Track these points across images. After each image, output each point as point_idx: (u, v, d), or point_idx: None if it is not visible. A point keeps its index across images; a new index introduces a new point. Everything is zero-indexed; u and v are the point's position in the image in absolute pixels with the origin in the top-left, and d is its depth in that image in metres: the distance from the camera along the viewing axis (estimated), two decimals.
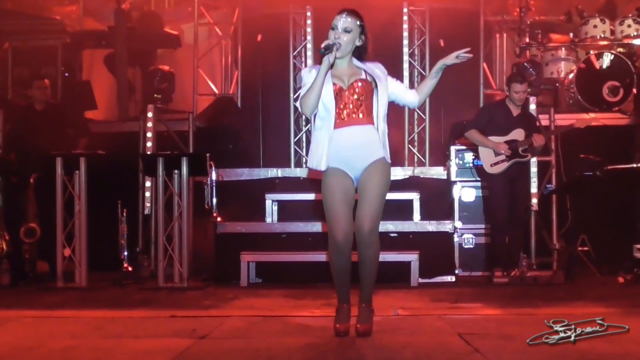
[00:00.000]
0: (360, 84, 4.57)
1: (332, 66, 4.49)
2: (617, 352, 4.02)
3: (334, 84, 4.54)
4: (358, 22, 4.58)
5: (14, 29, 9.56)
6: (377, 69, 4.66)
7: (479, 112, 7.78)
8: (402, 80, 8.65)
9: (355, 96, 4.55)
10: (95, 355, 4.16)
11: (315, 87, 4.43)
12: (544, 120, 7.90)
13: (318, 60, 4.54)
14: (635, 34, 9.05)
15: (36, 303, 6.24)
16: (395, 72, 4.87)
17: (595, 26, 9.12)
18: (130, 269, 7.50)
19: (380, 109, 4.59)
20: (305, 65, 9.19)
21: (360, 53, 4.66)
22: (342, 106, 4.55)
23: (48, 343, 4.48)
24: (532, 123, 7.55)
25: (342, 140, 4.54)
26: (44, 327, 5.11)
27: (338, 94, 4.54)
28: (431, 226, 7.62)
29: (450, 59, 4.59)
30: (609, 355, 3.95)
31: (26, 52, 9.53)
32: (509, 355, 3.99)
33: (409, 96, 4.73)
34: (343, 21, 4.55)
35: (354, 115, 4.55)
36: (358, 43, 4.61)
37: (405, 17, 9.10)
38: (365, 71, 4.62)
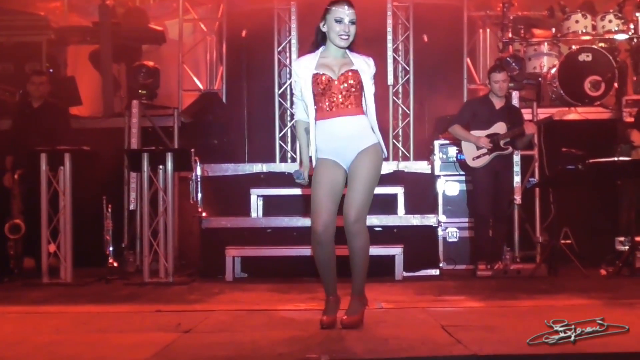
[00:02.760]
0: (351, 73, 4.57)
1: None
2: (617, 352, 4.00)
3: (323, 74, 4.53)
4: (354, 12, 4.58)
5: None
6: (366, 64, 4.64)
7: (462, 107, 7.83)
8: (386, 76, 8.86)
9: (345, 85, 4.54)
10: (80, 350, 4.16)
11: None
12: (526, 115, 7.95)
13: (304, 53, 4.57)
14: (617, 29, 9.11)
15: (21, 299, 6.25)
16: (379, 67, 4.87)
17: (577, 21, 9.19)
18: (115, 264, 7.52)
19: (368, 101, 4.62)
20: (290, 62, 9.21)
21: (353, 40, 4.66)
22: (331, 97, 4.54)
23: (33, 338, 4.48)
24: (516, 115, 7.61)
25: (333, 131, 4.55)
26: (29, 322, 5.12)
27: (327, 85, 4.54)
28: (415, 220, 7.67)
29: None
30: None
31: (10, 47, 9.48)
32: (490, 346, 4.02)
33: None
34: (348, 13, 4.53)
35: (343, 106, 4.55)
36: None
37: (389, 12, 9.11)
38: (356, 62, 4.61)
